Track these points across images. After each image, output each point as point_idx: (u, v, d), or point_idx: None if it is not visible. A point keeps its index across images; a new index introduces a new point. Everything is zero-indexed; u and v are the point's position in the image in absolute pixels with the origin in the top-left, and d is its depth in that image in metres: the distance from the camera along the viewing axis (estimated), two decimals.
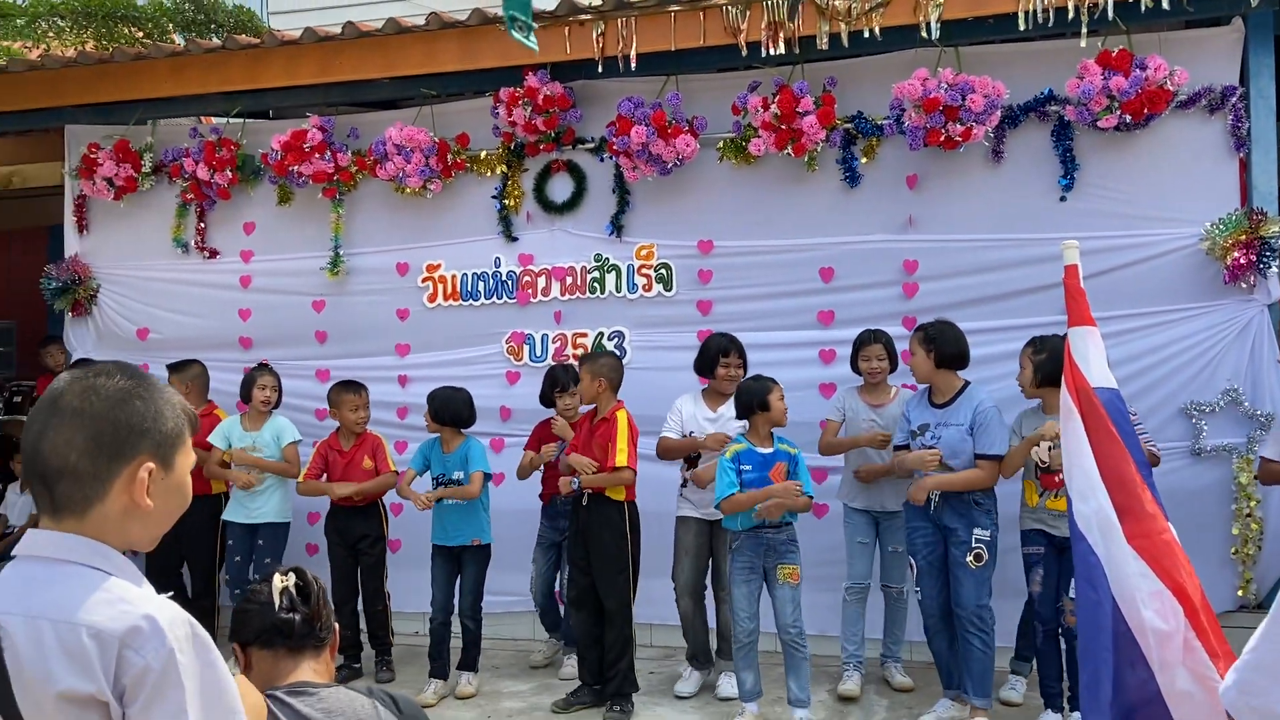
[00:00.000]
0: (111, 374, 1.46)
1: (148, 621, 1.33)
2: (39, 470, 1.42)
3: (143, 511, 1.44)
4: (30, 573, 1.39)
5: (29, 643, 1.32)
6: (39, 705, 1.31)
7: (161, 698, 1.31)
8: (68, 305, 6.76)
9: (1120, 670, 2.41)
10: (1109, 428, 2.56)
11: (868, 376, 4.98)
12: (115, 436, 1.41)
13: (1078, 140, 5.19)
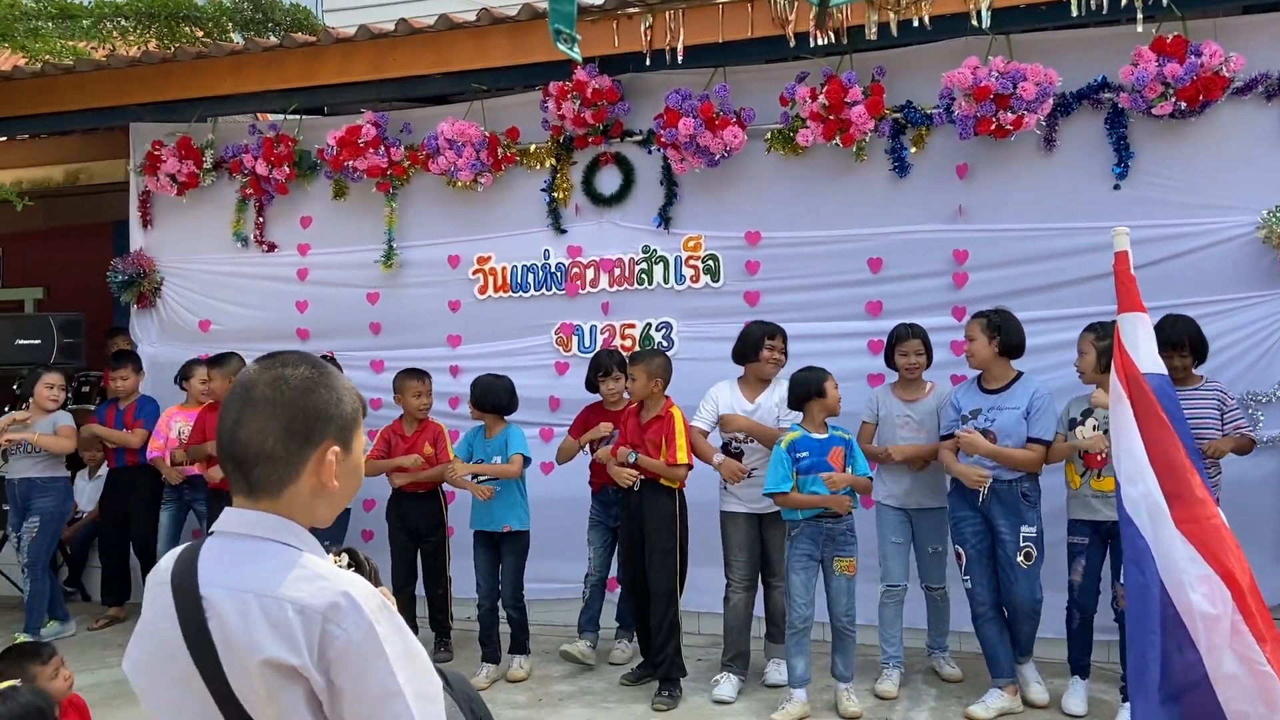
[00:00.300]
0: (297, 364, 1.55)
1: (345, 598, 1.42)
2: (235, 455, 1.51)
3: (329, 492, 1.54)
4: (231, 548, 1.49)
5: (236, 614, 1.42)
6: (245, 671, 1.40)
7: (369, 667, 1.40)
8: (133, 298, 6.97)
9: (1168, 653, 2.41)
10: (1158, 413, 2.56)
11: (905, 372, 4.91)
12: (305, 423, 1.51)
13: (1132, 128, 5.13)
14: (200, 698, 1.44)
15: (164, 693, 1.48)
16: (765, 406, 4.95)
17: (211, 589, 1.45)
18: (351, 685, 1.41)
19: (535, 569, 5.47)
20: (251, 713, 1.42)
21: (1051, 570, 4.67)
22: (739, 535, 4.98)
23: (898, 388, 5.01)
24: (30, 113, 6.85)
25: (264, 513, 1.51)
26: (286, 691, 1.41)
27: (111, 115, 6.87)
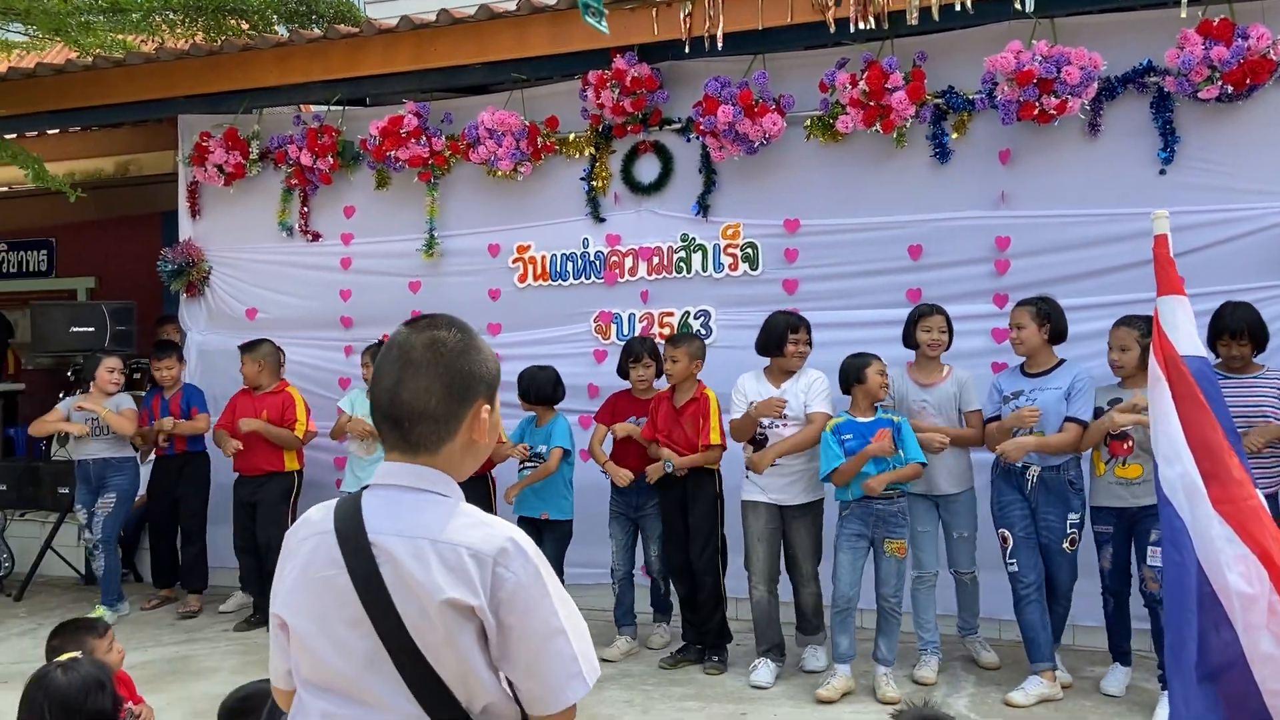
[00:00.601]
0: (447, 327, 1.64)
1: (511, 543, 1.54)
2: (395, 414, 1.60)
3: (478, 447, 1.65)
4: (394, 499, 1.59)
5: (412, 558, 1.52)
6: (423, 611, 1.51)
7: (535, 607, 1.53)
8: (182, 286, 7.11)
9: (1205, 632, 2.41)
10: (1197, 395, 2.55)
11: (927, 349, 4.79)
12: (463, 383, 1.61)
13: (1178, 112, 5.06)
14: (367, 639, 1.53)
15: (328, 635, 1.57)
16: (790, 396, 4.89)
17: (381, 536, 1.55)
18: (519, 623, 1.52)
19: (575, 554, 5.54)
20: (426, 652, 1.52)
21: (1086, 558, 4.67)
22: (759, 526, 4.91)
23: (914, 370, 4.92)
24: (82, 105, 7.00)
25: (423, 466, 1.60)
26: (463, 631, 1.51)
27: (160, 107, 7.01)
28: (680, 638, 5.31)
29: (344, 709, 1.56)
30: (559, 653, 1.54)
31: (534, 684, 1.55)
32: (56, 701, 2.50)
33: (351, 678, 1.55)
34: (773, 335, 4.96)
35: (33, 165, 6.43)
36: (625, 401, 5.42)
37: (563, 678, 1.54)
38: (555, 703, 1.55)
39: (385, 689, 1.53)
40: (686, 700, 4.68)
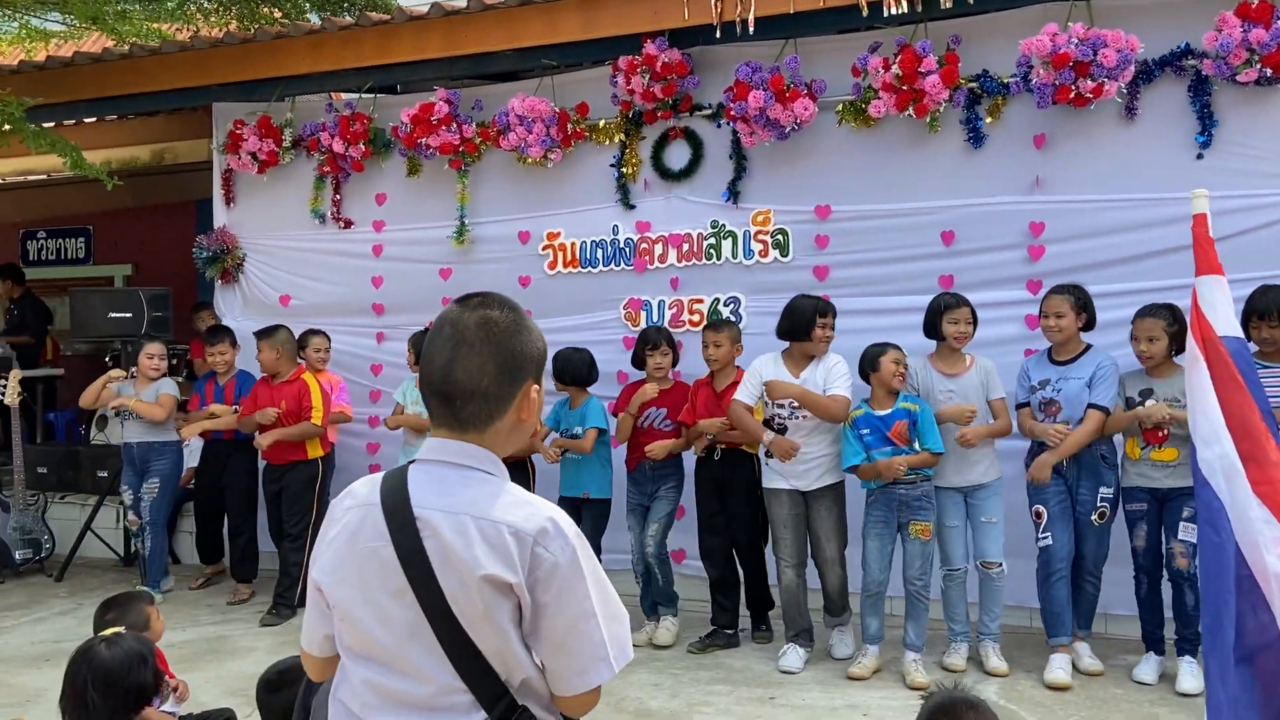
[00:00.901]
0: (499, 307, 1.66)
1: (552, 523, 1.57)
2: (447, 392, 1.62)
3: (524, 426, 1.68)
4: (440, 474, 1.63)
5: (455, 533, 1.56)
6: (463, 584, 1.54)
7: (571, 587, 1.56)
8: (217, 273, 7.20)
9: (1242, 613, 2.39)
10: (1235, 376, 2.52)
11: (954, 341, 4.74)
12: (514, 363, 1.64)
13: (1216, 95, 4.98)
14: (409, 611, 1.57)
15: (371, 606, 1.60)
16: (810, 381, 4.83)
17: (426, 511, 1.58)
18: (553, 603, 1.55)
19: (608, 539, 5.55)
20: (465, 625, 1.55)
21: (1120, 546, 4.68)
22: (783, 512, 4.94)
23: (938, 360, 4.84)
24: (119, 94, 7.09)
25: (470, 444, 1.63)
26: (500, 606, 1.54)
27: (195, 95, 7.08)
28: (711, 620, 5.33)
29: (386, 678, 1.59)
30: (588, 635, 1.56)
31: (560, 663, 1.57)
32: (99, 675, 2.55)
33: (394, 648, 1.58)
34: (800, 319, 4.89)
35: (71, 153, 6.52)
36: None
37: (589, 660, 1.57)
38: (579, 684, 1.58)
39: (426, 660, 1.57)
40: (715, 684, 4.69)
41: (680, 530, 5.99)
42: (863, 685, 4.63)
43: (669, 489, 5.34)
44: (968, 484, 4.76)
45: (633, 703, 4.47)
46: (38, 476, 7.69)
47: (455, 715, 1.57)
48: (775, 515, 4.97)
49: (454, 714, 1.57)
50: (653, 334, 5.43)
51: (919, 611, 4.74)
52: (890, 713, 4.27)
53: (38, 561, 7.00)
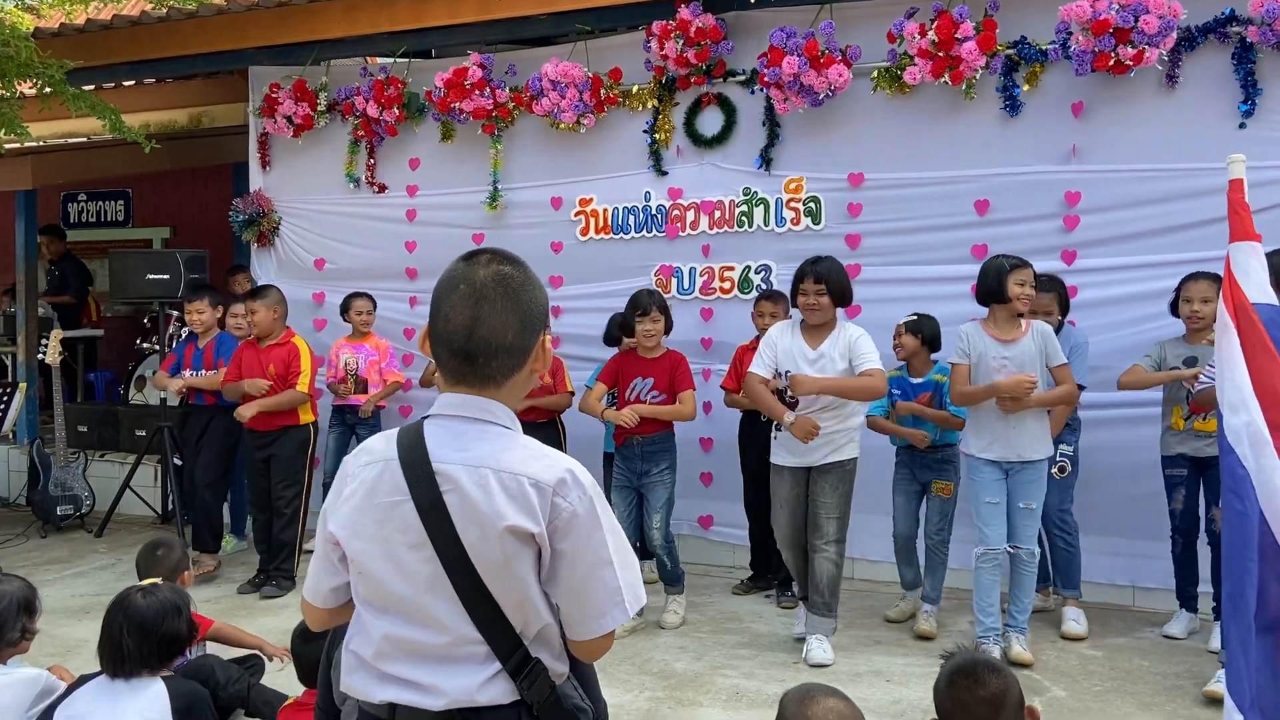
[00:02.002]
0: (509, 263, 1.70)
1: (570, 474, 1.62)
2: (471, 349, 1.64)
3: (534, 377, 1.73)
4: (458, 429, 1.65)
5: (475, 486, 1.59)
6: (485, 537, 1.58)
7: (588, 535, 1.60)
8: (253, 236, 7.27)
9: (1265, 582, 2.39)
10: (1267, 343, 2.49)
11: (1019, 303, 4.38)
12: (533, 317, 1.68)
13: (1260, 63, 4.88)
14: (429, 564, 1.60)
15: (391, 559, 1.63)
16: (828, 355, 4.46)
17: (445, 465, 1.61)
18: (571, 550, 1.59)
19: None
20: (485, 576, 1.59)
21: (1152, 519, 4.73)
22: (784, 491, 4.61)
23: (992, 327, 4.48)
24: (156, 57, 7.15)
25: (486, 398, 1.66)
26: (521, 557, 1.59)
27: (231, 59, 7.13)
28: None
29: (405, 630, 1.62)
30: (605, 581, 1.61)
31: (578, 608, 1.62)
32: (135, 623, 2.62)
33: (412, 600, 1.61)
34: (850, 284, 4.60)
35: (110, 116, 6.59)
36: (631, 362, 5.09)
37: (606, 604, 1.61)
38: (596, 628, 1.62)
39: (445, 612, 1.60)
40: (740, 648, 4.73)
41: (708, 497, 6.06)
42: (886, 651, 4.65)
43: (663, 471, 4.98)
44: (1009, 459, 4.42)
45: (657, 664, 4.52)
46: (78, 435, 7.86)
47: (471, 665, 1.60)
48: (776, 493, 4.66)
49: (470, 664, 1.60)
50: (643, 298, 5.01)
51: (936, 565, 4.90)
52: (913, 679, 4.29)
53: (78, 517, 7.17)
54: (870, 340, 4.50)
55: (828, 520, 4.51)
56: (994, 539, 4.44)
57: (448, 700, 1.60)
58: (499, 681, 1.61)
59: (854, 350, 4.43)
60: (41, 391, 8.35)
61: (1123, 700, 4.07)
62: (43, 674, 2.86)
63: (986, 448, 4.46)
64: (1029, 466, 4.41)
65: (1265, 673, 2.39)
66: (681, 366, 5.02)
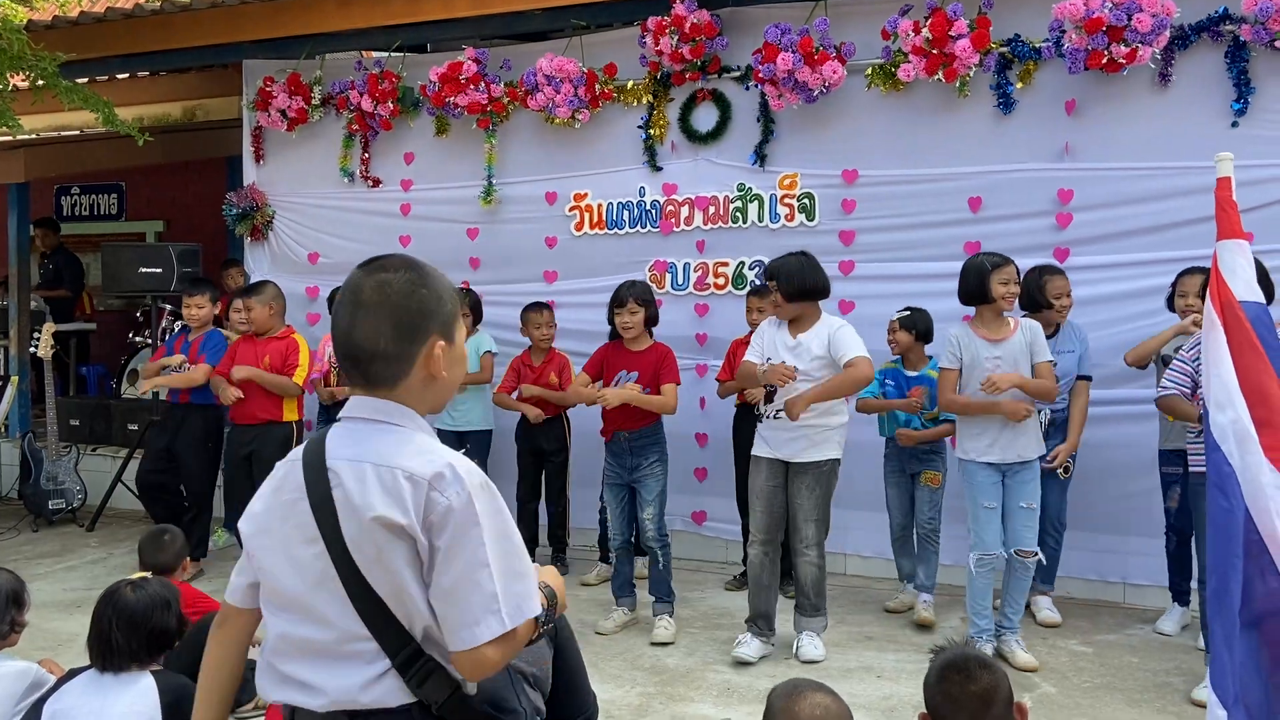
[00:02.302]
0: (397, 268, 1.70)
1: (450, 469, 1.60)
2: (352, 354, 1.68)
3: (439, 382, 1.71)
4: (354, 429, 1.69)
5: (354, 479, 1.61)
6: (360, 528, 1.59)
7: (464, 533, 1.57)
8: (247, 230, 7.26)
9: (1250, 579, 2.40)
10: (1253, 341, 2.50)
11: (1003, 302, 4.36)
12: (411, 322, 1.67)
13: (1254, 62, 4.89)
14: (321, 560, 1.62)
15: (287, 555, 1.66)
16: (805, 344, 4.46)
17: (336, 462, 1.64)
18: (446, 548, 1.57)
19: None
20: (363, 569, 1.59)
21: (1143, 518, 4.86)
22: (759, 482, 4.57)
23: (980, 326, 4.45)
24: (149, 50, 7.13)
25: (382, 400, 1.68)
26: (393, 549, 1.57)
27: (225, 52, 7.11)
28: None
29: (298, 628, 1.63)
30: (479, 585, 1.56)
31: (451, 613, 1.56)
32: (124, 617, 2.63)
33: (303, 596, 1.62)
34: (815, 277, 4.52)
35: (103, 109, 6.57)
36: (616, 354, 5.02)
37: (479, 611, 1.55)
38: (469, 637, 1.56)
39: (332, 607, 1.60)
40: (732, 644, 4.72)
41: (702, 493, 6.07)
42: (877, 648, 4.67)
43: (654, 464, 4.91)
44: (1007, 461, 4.37)
45: (649, 659, 4.53)
46: (70, 428, 7.84)
47: (360, 662, 1.59)
48: (752, 485, 4.62)
49: (359, 661, 1.59)
50: (622, 290, 4.97)
51: (927, 553, 5.02)
52: (904, 675, 4.31)
53: (70, 511, 7.15)
54: (852, 331, 4.47)
55: (806, 523, 4.49)
56: (991, 544, 4.39)
57: (328, 700, 1.59)
58: (387, 681, 1.59)
59: (834, 342, 4.43)
60: (33, 385, 8.33)
61: (1112, 696, 4.09)
62: (33, 667, 2.86)
63: (986, 450, 4.38)
64: (1027, 466, 4.39)
65: (1249, 668, 2.40)
66: (667, 360, 4.94)
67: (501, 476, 6.17)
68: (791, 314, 4.54)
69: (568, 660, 2.25)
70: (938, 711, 2.13)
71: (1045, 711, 3.93)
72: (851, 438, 4.69)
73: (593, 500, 5.97)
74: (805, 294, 4.50)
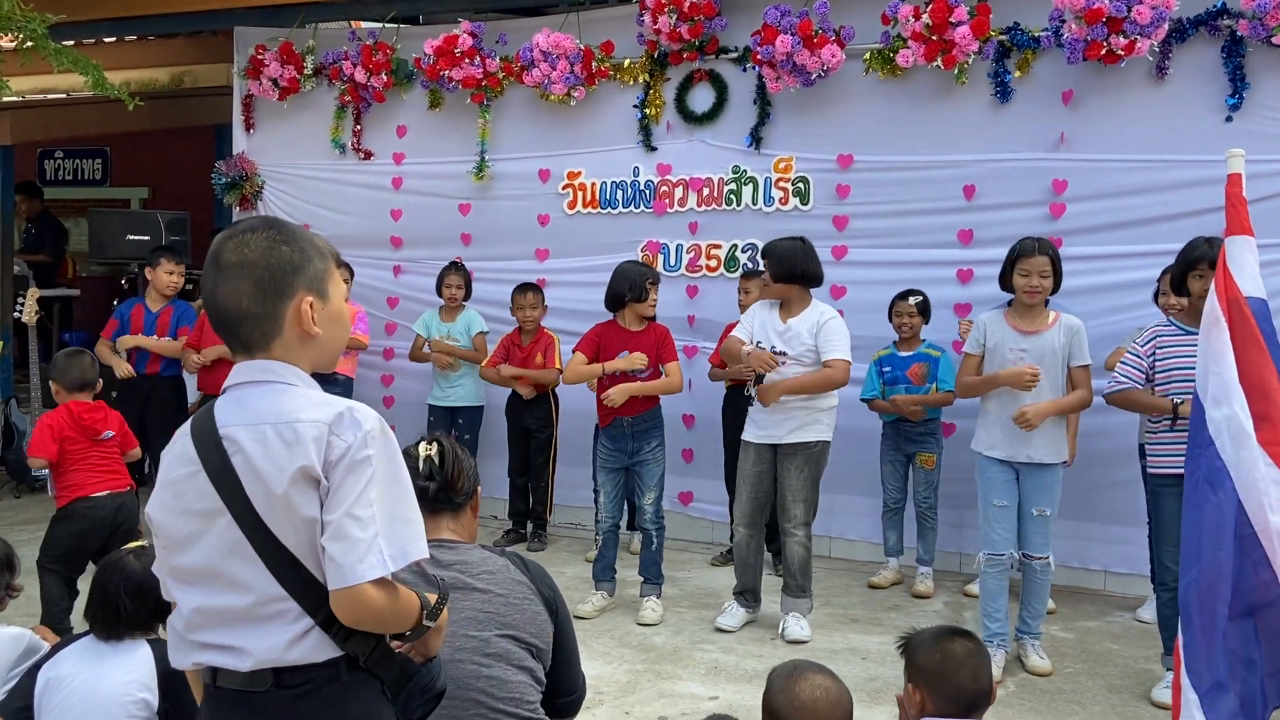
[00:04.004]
0: (256, 228, 1.68)
1: (348, 411, 1.60)
2: (221, 318, 1.66)
3: (314, 339, 1.68)
4: (242, 394, 1.65)
5: (255, 443, 1.58)
6: (269, 492, 1.56)
7: (356, 471, 1.56)
8: (236, 200, 7.19)
9: (1243, 571, 2.43)
10: (1256, 335, 2.53)
11: (1024, 296, 4.09)
12: (273, 279, 1.64)
13: (1250, 57, 4.93)
14: (229, 529, 1.59)
15: (188, 528, 1.63)
16: (796, 330, 4.50)
17: (229, 428, 1.61)
18: (338, 485, 1.56)
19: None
20: (276, 531, 1.57)
21: (1115, 508, 4.96)
22: (747, 466, 4.62)
23: (1013, 316, 4.18)
24: (140, 14, 7.03)
25: (264, 360, 1.65)
26: (309, 500, 1.56)
27: (217, 19, 7.03)
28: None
29: (212, 599, 1.61)
30: (365, 523, 1.53)
31: (335, 549, 1.53)
32: (130, 583, 2.60)
33: (215, 566, 1.60)
34: (807, 263, 4.54)
35: (93, 72, 6.45)
36: (613, 334, 4.94)
37: (361, 549, 1.53)
38: (350, 574, 1.53)
39: (247, 573, 1.58)
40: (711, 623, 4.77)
41: (689, 474, 6.09)
42: (862, 630, 4.71)
43: (654, 449, 4.88)
44: (1032, 460, 4.11)
45: (636, 638, 4.56)
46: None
47: (282, 624, 1.58)
48: (741, 469, 4.66)
49: (280, 622, 1.58)
50: (648, 268, 5.04)
51: (927, 530, 5.24)
52: (889, 657, 4.34)
53: None
54: (841, 325, 4.52)
55: (794, 503, 4.55)
56: (1000, 543, 4.15)
57: (254, 660, 1.58)
58: (311, 638, 1.58)
59: (822, 334, 4.47)
60: (16, 351, 8.24)
61: (1093, 682, 4.15)
62: (26, 633, 2.84)
63: (993, 445, 4.18)
64: (1041, 470, 4.12)
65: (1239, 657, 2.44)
66: (666, 339, 4.96)
67: (493, 453, 6.20)
68: (777, 295, 4.59)
69: (565, 636, 2.27)
70: (935, 672, 2.15)
71: (1027, 696, 3.99)
72: (843, 423, 4.73)
73: (581, 480, 5.99)
74: (793, 277, 4.55)
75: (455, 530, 2.21)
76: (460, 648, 2.02)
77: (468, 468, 2.24)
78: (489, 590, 2.11)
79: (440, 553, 2.09)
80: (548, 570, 2.31)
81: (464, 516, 2.24)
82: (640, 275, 4.91)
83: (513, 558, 2.24)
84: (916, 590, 5.16)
